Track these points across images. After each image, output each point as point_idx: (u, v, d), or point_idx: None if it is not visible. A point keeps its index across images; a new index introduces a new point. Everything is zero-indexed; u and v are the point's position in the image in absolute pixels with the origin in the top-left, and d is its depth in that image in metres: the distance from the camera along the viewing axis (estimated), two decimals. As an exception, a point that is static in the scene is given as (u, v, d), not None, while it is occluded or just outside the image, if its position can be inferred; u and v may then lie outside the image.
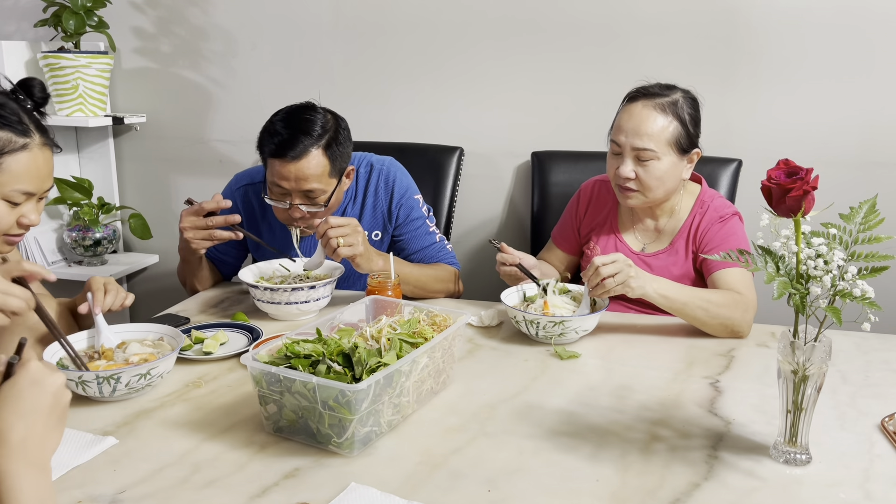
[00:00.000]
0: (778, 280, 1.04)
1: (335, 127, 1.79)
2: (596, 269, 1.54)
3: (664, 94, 1.70)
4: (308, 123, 1.74)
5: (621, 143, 1.69)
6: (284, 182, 1.74)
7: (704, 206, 1.78)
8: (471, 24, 2.43)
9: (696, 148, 1.74)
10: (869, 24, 2.13)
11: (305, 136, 1.72)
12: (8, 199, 1.29)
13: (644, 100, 1.70)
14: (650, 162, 1.68)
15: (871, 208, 1.08)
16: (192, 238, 1.74)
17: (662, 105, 1.68)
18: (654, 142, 1.66)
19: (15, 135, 1.28)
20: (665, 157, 1.68)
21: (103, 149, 2.85)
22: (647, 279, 1.56)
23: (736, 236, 1.74)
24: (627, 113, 1.71)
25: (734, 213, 1.78)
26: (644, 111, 1.68)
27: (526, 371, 1.47)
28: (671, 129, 1.68)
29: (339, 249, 1.67)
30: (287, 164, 1.72)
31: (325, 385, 1.09)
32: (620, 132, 1.70)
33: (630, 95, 1.74)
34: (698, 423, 1.25)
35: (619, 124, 1.72)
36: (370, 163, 1.99)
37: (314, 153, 1.73)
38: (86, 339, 1.42)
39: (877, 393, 1.37)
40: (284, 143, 1.72)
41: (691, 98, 1.74)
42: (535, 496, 1.04)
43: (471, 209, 2.56)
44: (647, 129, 1.67)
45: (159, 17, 2.71)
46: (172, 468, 1.11)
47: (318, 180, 1.75)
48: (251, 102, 2.66)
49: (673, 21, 2.27)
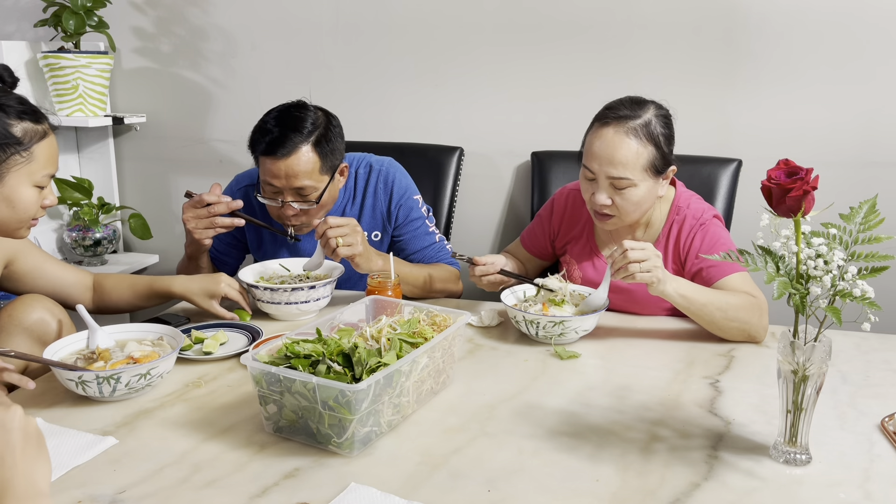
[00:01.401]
0: (778, 280, 1.04)
1: (325, 124, 1.80)
2: (624, 251, 1.49)
3: (635, 114, 1.63)
4: (297, 121, 1.75)
5: (595, 171, 1.63)
6: (275, 180, 1.76)
7: (681, 212, 1.72)
8: (471, 25, 2.43)
9: (671, 166, 1.68)
10: (869, 25, 2.13)
11: (295, 133, 1.73)
12: (38, 185, 1.37)
13: (615, 124, 1.62)
14: (626, 189, 1.62)
15: (871, 208, 1.08)
16: (194, 228, 1.76)
17: (635, 129, 1.61)
18: (630, 170, 1.60)
19: (34, 123, 1.34)
20: (642, 183, 1.62)
21: (103, 149, 2.85)
22: (669, 278, 1.54)
23: (721, 241, 1.68)
24: (599, 139, 1.63)
25: (713, 216, 1.72)
26: (616, 137, 1.61)
27: (526, 371, 1.47)
28: (646, 154, 1.61)
29: (338, 249, 1.67)
30: (277, 161, 1.73)
31: (325, 385, 1.09)
32: (593, 159, 1.64)
33: (600, 118, 1.67)
34: (698, 423, 1.25)
35: (591, 150, 1.65)
36: (369, 163, 1.99)
37: (304, 150, 1.74)
38: (81, 341, 1.42)
39: (877, 393, 1.37)
40: (274, 141, 1.73)
41: (663, 115, 1.66)
42: (535, 496, 1.04)
43: (471, 209, 2.56)
44: (621, 158, 1.60)
45: (159, 17, 2.71)
46: (172, 468, 1.11)
47: (308, 177, 1.76)
48: (251, 102, 2.65)
49: (673, 21, 2.27)
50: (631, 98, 1.68)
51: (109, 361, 1.34)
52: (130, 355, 1.36)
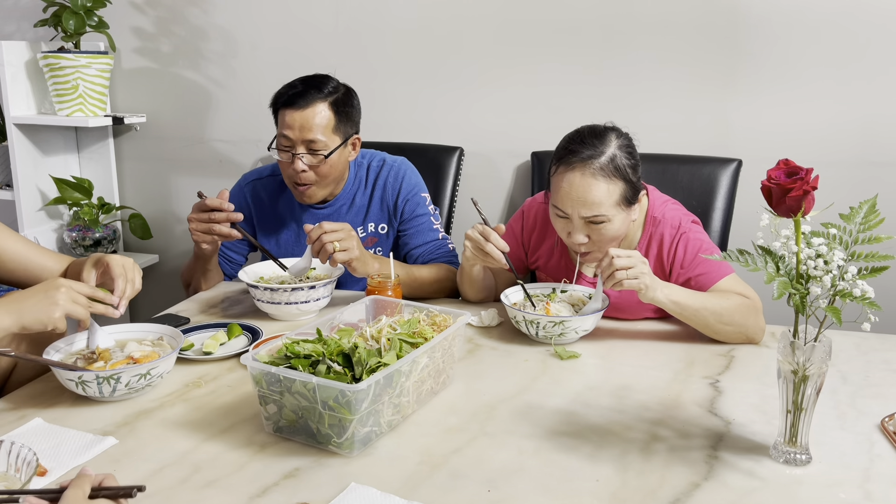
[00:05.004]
0: (778, 280, 1.04)
1: (346, 92, 1.92)
2: (610, 259, 1.49)
3: (598, 151, 1.57)
4: (320, 82, 1.88)
5: (568, 213, 1.60)
6: (289, 131, 1.84)
7: (657, 223, 1.69)
8: (471, 24, 2.43)
9: (640, 192, 1.65)
10: (869, 24, 2.13)
11: (315, 90, 1.86)
12: None
13: (581, 167, 1.56)
14: (602, 225, 1.59)
15: (871, 208, 1.08)
16: (194, 231, 1.78)
17: (601, 168, 1.56)
18: (604, 207, 1.57)
19: None
20: (616, 217, 1.60)
21: (103, 149, 2.85)
22: (659, 284, 1.52)
23: (704, 247, 1.66)
24: (567, 182, 1.58)
25: (692, 222, 1.70)
26: (584, 181, 1.56)
27: (526, 371, 1.47)
28: (617, 191, 1.57)
29: (335, 254, 1.67)
30: (294, 112, 1.84)
31: (325, 385, 1.09)
32: (565, 202, 1.59)
33: (563, 159, 1.60)
34: (698, 423, 1.25)
35: (560, 192, 1.60)
36: (383, 159, 2.06)
37: (321, 106, 1.85)
38: (81, 341, 1.42)
39: (877, 393, 1.37)
40: (295, 94, 1.85)
41: (626, 145, 1.61)
42: (535, 496, 1.04)
43: (471, 209, 2.55)
44: (593, 199, 1.56)
45: (159, 17, 2.71)
46: (172, 468, 1.11)
47: (321, 132, 1.84)
48: (251, 102, 2.65)
49: (673, 21, 2.27)
50: (590, 129, 1.63)
51: (109, 361, 1.34)
52: (130, 355, 1.36)
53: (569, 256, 1.80)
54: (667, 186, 2.00)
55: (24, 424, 1.21)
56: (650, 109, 2.32)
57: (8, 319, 1.19)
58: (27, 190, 2.69)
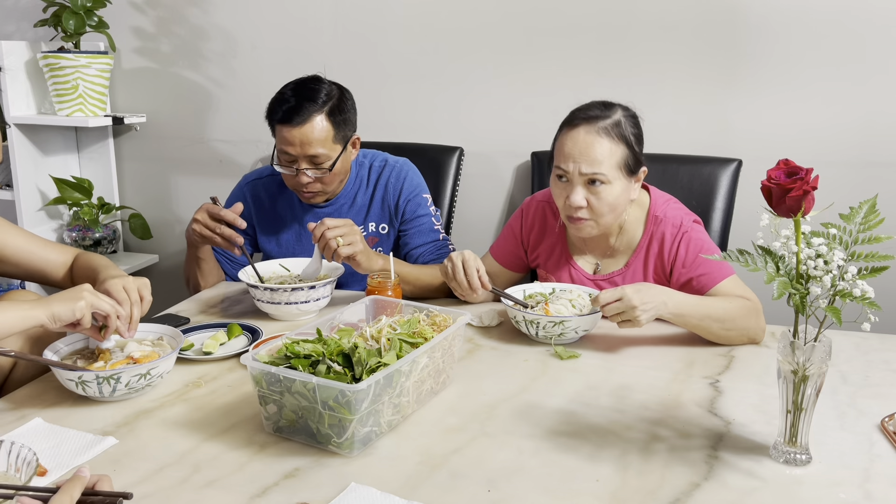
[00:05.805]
0: (778, 280, 1.04)
1: (339, 96, 1.89)
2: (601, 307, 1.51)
3: (605, 115, 1.61)
4: (313, 92, 1.85)
5: (569, 171, 1.60)
6: (290, 148, 1.83)
7: (658, 222, 1.69)
8: (471, 24, 2.43)
9: (642, 167, 1.66)
10: (868, 25, 2.13)
11: (310, 102, 1.82)
12: None
13: (586, 125, 1.60)
14: (602, 187, 1.59)
15: (871, 208, 1.08)
16: (195, 230, 1.79)
17: (606, 128, 1.59)
18: (605, 166, 1.58)
19: None
20: (616, 182, 1.60)
21: (103, 149, 2.85)
22: (657, 307, 1.50)
23: (705, 247, 1.66)
24: (571, 139, 1.61)
25: (693, 221, 1.70)
26: (588, 137, 1.59)
27: (526, 371, 1.47)
28: (619, 152, 1.59)
29: (339, 249, 1.67)
30: (292, 129, 1.81)
31: (325, 385, 1.09)
32: (567, 159, 1.61)
33: (569, 121, 1.65)
34: (698, 423, 1.25)
35: (563, 151, 1.62)
36: (385, 159, 2.06)
37: (318, 119, 1.82)
38: (81, 342, 1.42)
39: (877, 393, 1.37)
40: (290, 110, 1.82)
41: (632, 116, 1.65)
42: (535, 496, 1.04)
43: (471, 209, 2.56)
44: (595, 155, 1.58)
45: (159, 17, 2.71)
46: (172, 468, 1.11)
47: (322, 145, 1.83)
48: (251, 102, 2.65)
49: (673, 21, 2.27)
50: (599, 102, 1.67)
51: (109, 361, 1.34)
52: (130, 355, 1.36)
53: (569, 253, 1.80)
54: (667, 186, 2.00)
55: (24, 424, 1.21)
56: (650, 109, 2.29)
57: (39, 310, 1.25)
58: (27, 190, 2.69)
